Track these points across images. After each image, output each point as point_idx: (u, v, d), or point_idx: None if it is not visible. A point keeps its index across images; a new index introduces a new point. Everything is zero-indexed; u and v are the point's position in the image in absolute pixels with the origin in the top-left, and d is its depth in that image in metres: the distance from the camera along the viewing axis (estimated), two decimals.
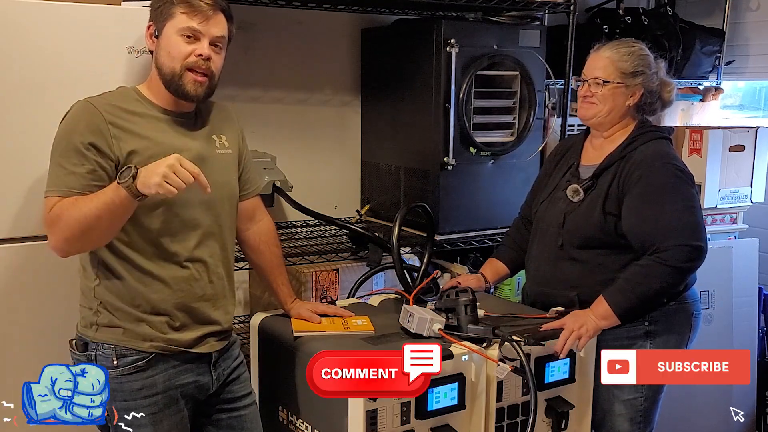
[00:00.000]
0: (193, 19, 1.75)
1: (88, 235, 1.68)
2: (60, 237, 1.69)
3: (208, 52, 1.77)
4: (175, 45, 1.76)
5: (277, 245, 2.14)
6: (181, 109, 1.84)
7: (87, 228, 1.66)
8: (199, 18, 1.75)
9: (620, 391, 2.25)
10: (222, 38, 1.81)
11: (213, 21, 1.78)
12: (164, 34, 1.78)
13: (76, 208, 1.66)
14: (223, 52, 1.83)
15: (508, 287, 2.99)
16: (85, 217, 1.64)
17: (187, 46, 1.76)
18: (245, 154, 2.03)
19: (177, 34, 1.76)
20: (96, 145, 1.70)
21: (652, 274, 2.08)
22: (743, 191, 3.36)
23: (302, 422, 2.01)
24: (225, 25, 1.81)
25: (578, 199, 2.23)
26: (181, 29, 1.75)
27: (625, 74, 2.21)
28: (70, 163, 1.70)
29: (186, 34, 1.76)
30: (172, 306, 1.82)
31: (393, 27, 3.00)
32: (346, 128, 3.10)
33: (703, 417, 3.30)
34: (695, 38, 3.52)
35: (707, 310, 3.22)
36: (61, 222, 1.67)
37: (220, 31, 1.80)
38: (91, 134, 1.70)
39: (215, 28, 1.78)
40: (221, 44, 1.81)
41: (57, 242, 1.70)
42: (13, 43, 1.93)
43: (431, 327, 1.96)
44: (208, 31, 1.77)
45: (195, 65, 1.77)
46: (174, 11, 1.76)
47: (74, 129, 1.71)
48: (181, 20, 1.75)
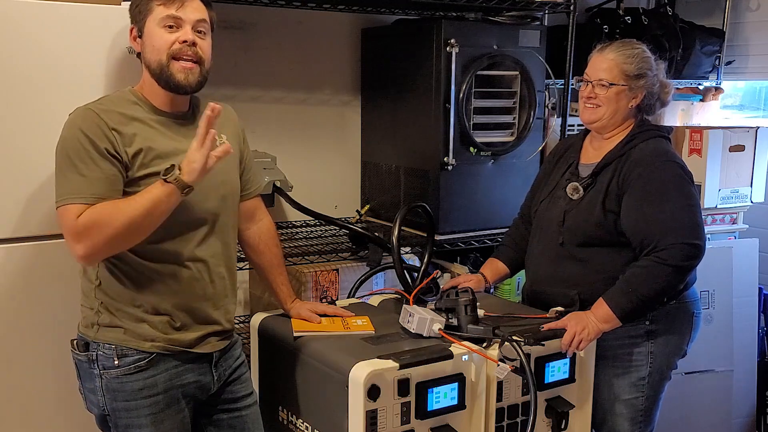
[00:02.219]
0: (170, 8, 1.76)
1: (132, 236, 1.71)
2: (98, 242, 1.68)
3: (191, 37, 1.77)
4: (158, 37, 1.77)
5: (278, 245, 2.14)
6: (178, 108, 1.84)
7: (134, 228, 1.68)
8: (176, 5, 1.76)
9: (621, 391, 2.25)
10: (203, 22, 1.81)
11: (190, 6, 1.78)
12: (146, 30, 1.78)
13: (119, 210, 1.67)
14: (208, 37, 1.83)
15: (508, 287, 2.99)
16: (133, 220, 1.67)
17: (170, 35, 1.77)
18: (246, 154, 2.03)
19: (158, 26, 1.76)
20: (108, 150, 1.71)
21: (651, 274, 2.07)
22: (743, 191, 3.37)
23: (302, 422, 2.01)
24: (203, 9, 1.81)
25: (578, 197, 2.23)
26: (161, 20, 1.76)
27: (629, 77, 2.20)
28: (83, 171, 1.69)
29: (167, 24, 1.76)
30: (173, 306, 1.82)
31: (393, 27, 3.00)
32: (346, 128, 3.10)
33: (703, 417, 3.30)
34: (695, 38, 3.52)
35: (707, 310, 3.22)
36: (103, 228, 1.66)
37: (200, 14, 1.79)
38: (100, 141, 1.70)
39: (194, 13, 1.78)
40: (204, 29, 1.81)
41: (91, 247, 1.68)
42: (13, 43, 1.93)
43: (431, 327, 1.96)
44: (188, 17, 1.77)
45: (180, 52, 1.76)
46: (151, 6, 1.77)
47: (84, 137, 1.70)
48: (159, 12, 1.76)
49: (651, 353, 2.22)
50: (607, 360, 2.22)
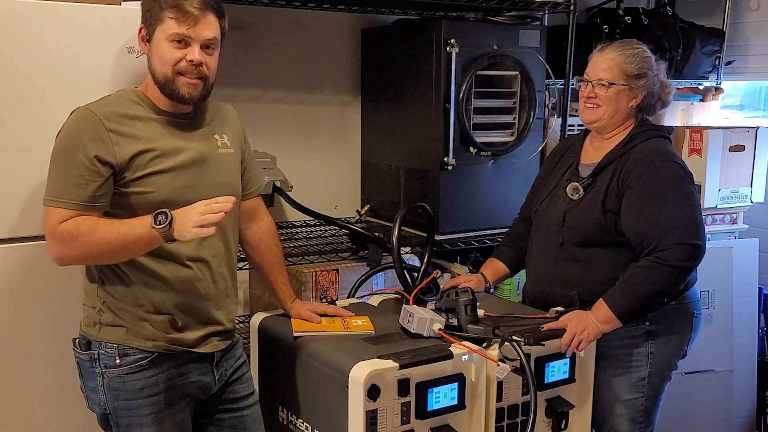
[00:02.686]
0: (181, 25, 1.73)
1: (102, 258, 1.74)
2: (71, 254, 1.72)
3: (198, 58, 1.75)
4: (165, 51, 1.75)
5: (278, 245, 2.14)
6: (179, 109, 1.84)
7: (106, 253, 1.71)
8: (189, 23, 1.73)
9: (621, 391, 2.25)
10: (213, 40, 1.78)
11: (203, 24, 1.75)
12: (155, 39, 1.76)
13: (96, 233, 1.68)
14: (216, 53, 1.81)
15: (508, 287, 3.00)
16: (107, 245, 1.68)
17: (177, 52, 1.75)
18: (247, 154, 2.03)
19: (167, 40, 1.74)
20: (99, 157, 1.70)
21: (652, 275, 2.07)
22: (743, 191, 3.37)
23: (302, 422, 2.01)
24: (216, 25, 1.79)
25: (578, 197, 2.23)
26: (171, 35, 1.74)
27: (629, 76, 2.20)
28: (74, 175, 1.70)
29: (176, 40, 1.74)
30: (175, 306, 1.82)
31: (393, 27, 3.00)
32: (346, 128, 3.10)
33: (703, 417, 3.30)
34: (695, 38, 3.52)
35: (707, 310, 3.22)
36: (76, 242, 1.69)
37: (211, 33, 1.77)
38: (93, 145, 1.70)
39: (206, 30, 1.76)
40: (213, 45, 1.79)
41: (63, 255, 1.73)
42: (13, 43, 1.93)
43: (431, 327, 1.96)
44: (198, 36, 1.75)
45: (186, 71, 1.75)
46: (163, 16, 1.74)
47: (77, 140, 1.71)
48: (170, 26, 1.73)
49: (651, 354, 2.22)
50: (607, 360, 2.22)
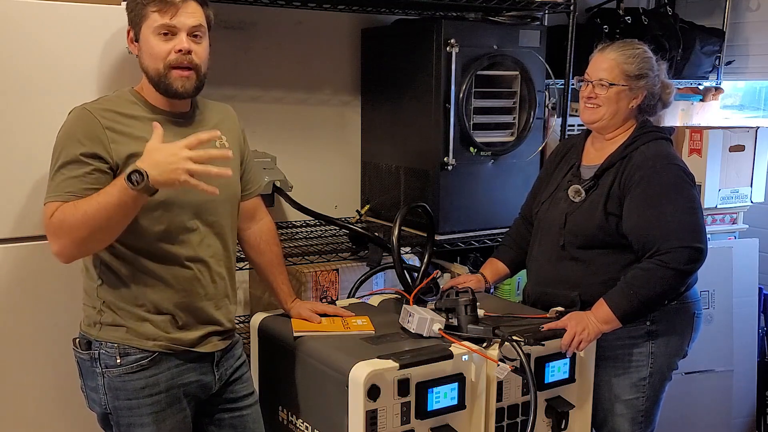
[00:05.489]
0: (164, 16, 1.73)
1: (97, 236, 1.68)
2: (66, 241, 1.67)
3: (187, 46, 1.75)
4: (154, 45, 1.75)
5: (278, 245, 2.14)
6: (177, 108, 1.84)
7: (96, 228, 1.64)
8: (171, 12, 1.74)
9: (621, 391, 2.25)
10: (199, 27, 1.78)
11: (185, 12, 1.75)
12: (142, 36, 1.77)
13: (78, 211, 1.65)
14: (204, 41, 1.81)
15: (508, 287, 2.99)
16: (93, 218, 1.63)
17: (166, 44, 1.75)
18: (247, 154, 2.03)
19: (153, 34, 1.75)
20: (95, 154, 1.70)
21: (653, 277, 2.07)
22: (743, 191, 3.37)
23: (302, 422, 2.01)
24: (200, 12, 1.79)
25: (579, 200, 2.23)
26: (156, 28, 1.74)
27: (629, 77, 2.20)
28: (70, 169, 1.70)
29: (162, 32, 1.75)
30: (175, 305, 1.82)
31: (393, 27, 3.00)
32: (346, 128, 3.10)
33: (703, 417, 3.30)
34: (695, 38, 3.52)
35: (707, 310, 3.22)
36: (64, 228, 1.66)
37: (195, 20, 1.77)
38: (90, 143, 1.70)
39: (189, 18, 1.76)
40: (200, 33, 1.79)
41: (62, 247, 1.69)
42: (13, 43, 1.93)
43: (431, 327, 1.96)
44: (183, 24, 1.75)
45: (177, 62, 1.75)
46: (146, 11, 1.75)
47: (73, 138, 1.71)
48: (154, 19, 1.74)
49: (651, 354, 2.22)
50: (607, 360, 2.22)
